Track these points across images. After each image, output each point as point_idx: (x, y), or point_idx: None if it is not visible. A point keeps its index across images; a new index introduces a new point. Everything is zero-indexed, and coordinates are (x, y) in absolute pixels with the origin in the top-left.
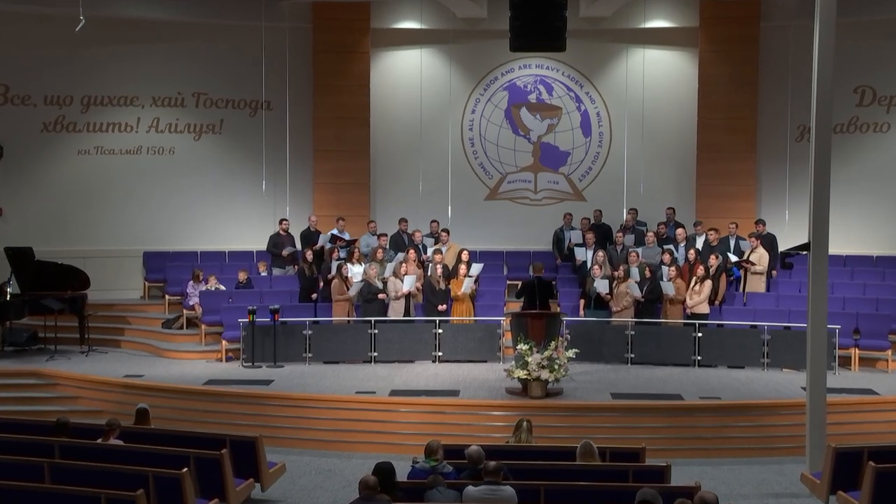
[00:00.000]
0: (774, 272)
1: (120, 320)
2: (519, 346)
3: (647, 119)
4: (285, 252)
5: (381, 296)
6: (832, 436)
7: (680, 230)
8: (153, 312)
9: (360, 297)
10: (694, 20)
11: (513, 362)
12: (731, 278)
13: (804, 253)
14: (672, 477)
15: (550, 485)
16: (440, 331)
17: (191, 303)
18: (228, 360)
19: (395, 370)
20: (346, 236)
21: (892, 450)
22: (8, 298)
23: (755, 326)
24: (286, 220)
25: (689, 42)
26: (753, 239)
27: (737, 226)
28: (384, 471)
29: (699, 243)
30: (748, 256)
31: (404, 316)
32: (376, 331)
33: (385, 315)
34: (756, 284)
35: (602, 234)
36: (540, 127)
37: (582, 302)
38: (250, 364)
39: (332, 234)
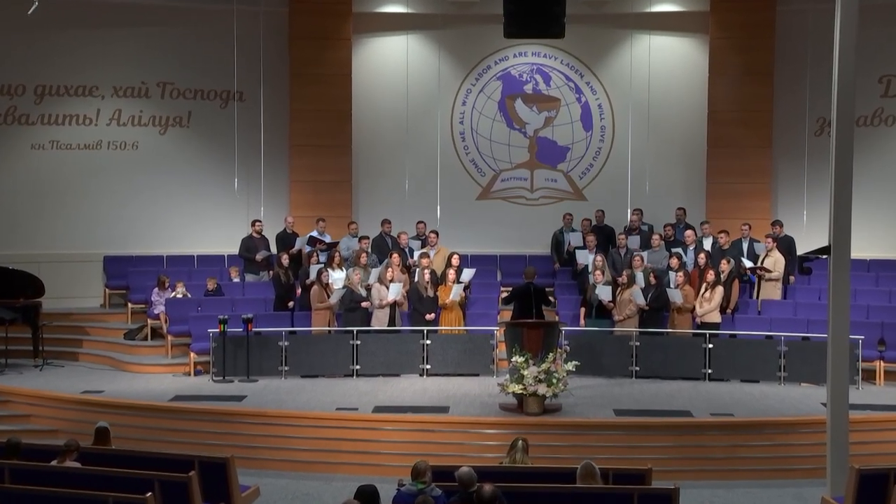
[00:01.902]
0: (792, 278)
1: (78, 331)
2: (514, 359)
3: (652, 112)
4: (259, 256)
5: (364, 304)
6: (855, 456)
7: (689, 232)
8: (114, 322)
9: (341, 306)
10: (704, 4)
11: (507, 376)
12: (745, 281)
13: (824, 257)
14: (681, 501)
15: None
16: (428, 342)
17: (156, 312)
18: (197, 374)
19: (380, 385)
20: (327, 239)
21: None
22: None
23: (771, 337)
24: (260, 221)
25: (698, 28)
26: (769, 241)
27: (750, 227)
28: (367, 494)
29: (706, 245)
30: (763, 261)
31: (389, 326)
32: (359, 342)
33: (368, 325)
34: (772, 291)
35: (604, 237)
36: (537, 120)
37: (582, 310)
38: (221, 378)
39: (311, 237)
